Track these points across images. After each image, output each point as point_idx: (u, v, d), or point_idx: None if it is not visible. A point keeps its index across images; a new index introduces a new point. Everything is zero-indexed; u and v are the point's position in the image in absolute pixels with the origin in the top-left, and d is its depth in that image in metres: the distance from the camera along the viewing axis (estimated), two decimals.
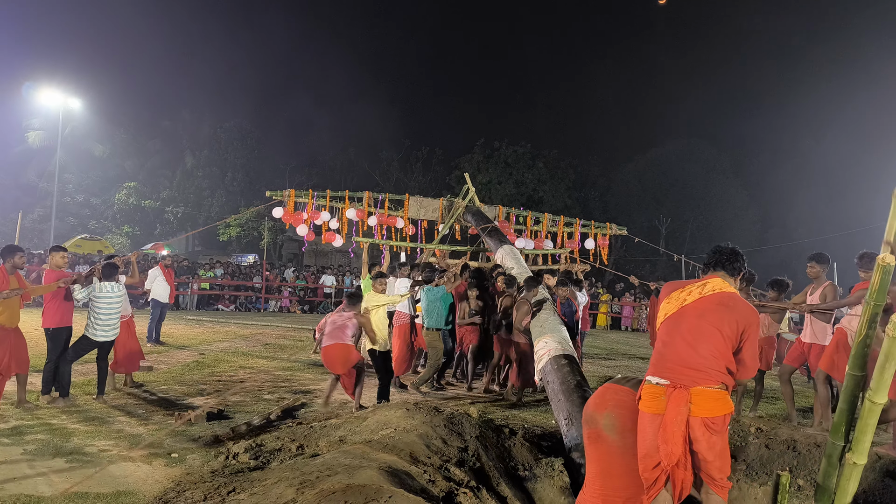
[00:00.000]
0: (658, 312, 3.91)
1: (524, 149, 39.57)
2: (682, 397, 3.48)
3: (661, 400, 3.54)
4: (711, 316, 3.63)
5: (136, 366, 8.55)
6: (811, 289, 7.26)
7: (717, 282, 3.80)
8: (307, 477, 4.37)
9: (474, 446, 5.51)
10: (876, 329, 3.49)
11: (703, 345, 3.58)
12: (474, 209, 13.37)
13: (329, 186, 14.83)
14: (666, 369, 3.61)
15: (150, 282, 12.97)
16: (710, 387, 3.52)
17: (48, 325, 7.37)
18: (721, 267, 3.92)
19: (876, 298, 3.39)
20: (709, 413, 3.48)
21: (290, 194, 12.99)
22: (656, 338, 3.87)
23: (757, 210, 42.45)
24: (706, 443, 3.47)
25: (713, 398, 3.51)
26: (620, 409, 3.84)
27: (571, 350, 7.75)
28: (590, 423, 3.95)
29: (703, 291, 3.74)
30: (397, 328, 9.47)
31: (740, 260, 3.96)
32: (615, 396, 3.93)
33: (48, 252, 7.89)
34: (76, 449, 5.53)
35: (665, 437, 3.44)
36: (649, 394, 3.62)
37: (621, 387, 4.00)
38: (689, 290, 3.79)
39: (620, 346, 17.00)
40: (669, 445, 3.42)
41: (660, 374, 3.62)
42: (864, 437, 3.51)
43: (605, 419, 3.85)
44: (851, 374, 3.57)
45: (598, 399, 4.02)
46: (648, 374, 3.69)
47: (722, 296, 3.71)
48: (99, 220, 40.19)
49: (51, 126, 34.38)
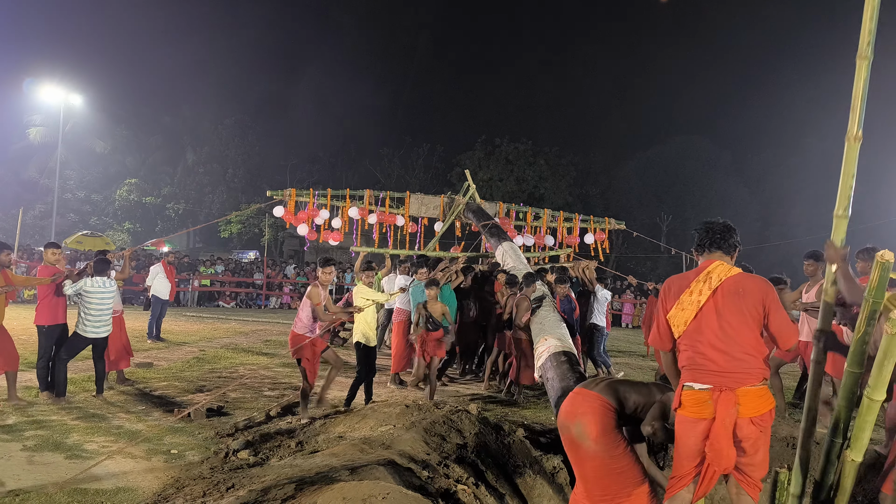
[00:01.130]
0: (667, 314, 3.72)
1: (525, 146, 39.54)
2: (731, 400, 3.39)
3: (708, 405, 3.43)
4: (730, 311, 3.51)
5: (127, 362, 8.50)
6: (807, 286, 7.26)
7: (718, 268, 3.64)
8: (306, 474, 4.38)
9: (473, 443, 5.52)
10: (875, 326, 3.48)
11: (734, 346, 3.48)
12: (475, 206, 13.37)
13: (330, 183, 14.86)
14: (706, 375, 3.49)
15: (151, 278, 12.99)
16: (754, 385, 3.45)
17: (41, 322, 7.33)
18: (716, 247, 3.75)
19: (875, 295, 3.38)
20: (756, 412, 3.42)
21: (290, 194, 13.00)
22: (680, 345, 3.69)
23: (758, 208, 42.40)
24: (753, 442, 3.42)
25: (758, 396, 3.44)
26: (590, 415, 3.78)
27: (571, 347, 7.74)
28: (563, 431, 3.93)
29: (712, 285, 3.58)
30: (396, 325, 9.47)
31: (734, 235, 3.78)
32: (584, 402, 3.88)
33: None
34: (75, 445, 5.54)
35: (719, 442, 3.36)
36: (693, 400, 3.50)
37: (590, 391, 3.94)
38: (696, 289, 3.62)
39: (621, 344, 16.99)
40: (724, 449, 3.35)
41: (701, 381, 3.50)
42: (863, 434, 3.51)
43: (575, 427, 3.81)
44: (850, 371, 3.55)
45: (568, 407, 3.96)
46: (687, 381, 3.56)
47: (731, 283, 3.56)
48: (100, 216, 40.17)
49: (52, 122, 34.38)
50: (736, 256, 3.83)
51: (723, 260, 3.72)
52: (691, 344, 3.58)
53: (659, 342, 3.81)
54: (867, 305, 3.42)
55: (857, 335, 3.51)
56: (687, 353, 3.61)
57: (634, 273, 28.33)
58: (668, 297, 3.75)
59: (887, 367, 3.31)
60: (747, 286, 3.55)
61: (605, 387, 3.96)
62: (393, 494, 3.70)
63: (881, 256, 3.33)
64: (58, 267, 7.58)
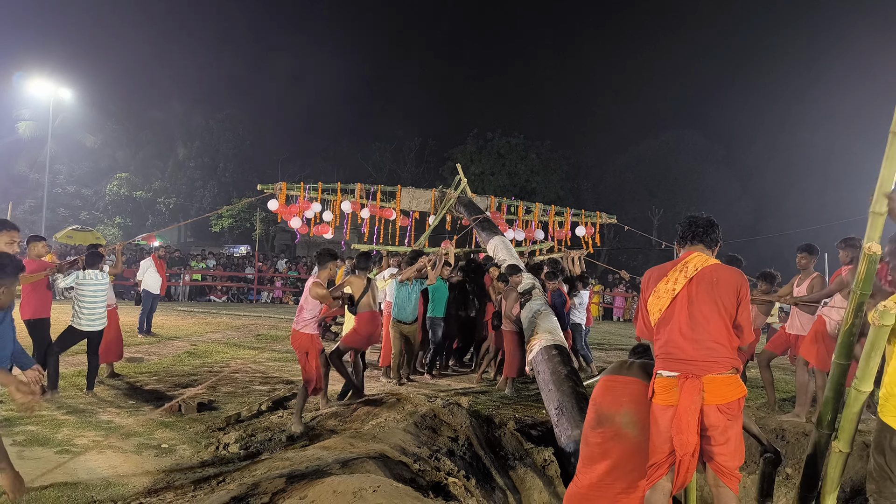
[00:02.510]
0: (646, 304, 3.77)
1: (517, 140, 39.52)
2: (695, 386, 3.42)
3: (674, 391, 3.47)
4: (703, 299, 3.54)
5: (117, 356, 8.46)
6: (798, 280, 7.28)
7: (697, 258, 3.67)
8: (297, 467, 4.38)
9: (464, 436, 5.53)
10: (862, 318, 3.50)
11: (704, 334, 3.50)
12: (466, 200, 13.36)
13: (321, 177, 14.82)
14: (674, 364, 3.53)
15: (141, 273, 12.93)
16: (722, 373, 3.46)
17: (26, 316, 7.23)
18: (698, 240, 3.77)
19: (862, 287, 3.40)
20: (722, 399, 3.43)
21: (281, 187, 12.97)
22: (655, 334, 3.72)
23: (750, 201, 42.50)
24: (721, 430, 3.43)
25: (725, 384, 3.46)
26: (637, 404, 3.71)
27: (562, 340, 7.77)
28: (605, 421, 3.80)
29: (687, 274, 3.61)
30: (385, 318, 9.45)
31: (717, 230, 3.81)
32: (627, 389, 3.80)
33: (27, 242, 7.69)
34: (65, 440, 5.52)
35: (680, 427, 3.37)
36: (661, 387, 3.54)
37: (626, 377, 3.87)
38: (673, 277, 3.66)
39: (613, 337, 17.06)
40: (685, 435, 3.36)
41: (669, 369, 3.54)
42: (850, 425, 3.53)
43: (622, 417, 3.73)
44: (837, 362, 3.58)
45: (608, 397, 3.86)
46: (658, 369, 3.60)
47: (706, 272, 3.58)
48: (90, 210, 39.91)
49: (41, 117, 34.06)
50: (717, 251, 3.85)
51: (703, 253, 3.74)
52: (664, 332, 3.63)
53: (643, 332, 3.85)
54: (854, 298, 3.44)
55: (845, 327, 3.53)
56: (659, 341, 3.65)
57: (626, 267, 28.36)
58: (648, 286, 3.80)
59: (874, 358, 3.33)
60: (722, 276, 3.58)
61: (639, 369, 3.88)
62: (383, 487, 3.70)
63: (868, 249, 3.35)
64: (45, 260, 7.52)
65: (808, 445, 3.80)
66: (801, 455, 5.10)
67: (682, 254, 3.81)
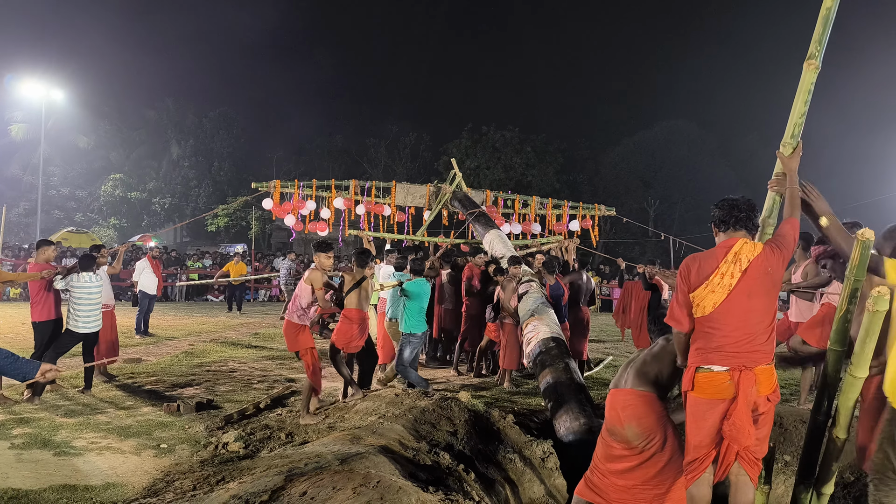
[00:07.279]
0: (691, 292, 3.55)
1: (512, 133, 39.48)
2: (751, 379, 3.37)
3: (727, 385, 3.38)
4: (760, 292, 3.45)
5: (113, 354, 8.43)
6: (794, 268, 7.31)
7: (746, 247, 3.50)
8: (296, 465, 4.38)
9: (464, 430, 5.53)
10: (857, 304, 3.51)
11: (760, 326, 3.44)
12: (461, 195, 13.36)
13: (316, 174, 14.82)
14: (726, 357, 3.42)
15: (137, 274, 12.91)
16: (770, 363, 3.46)
17: (35, 318, 7.41)
18: (741, 226, 3.59)
19: (856, 274, 3.40)
20: (771, 388, 3.45)
21: (275, 185, 12.95)
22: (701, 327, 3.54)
23: (745, 190, 42.15)
24: (765, 417, 3.45)
25: (772, 372, 3.46)
26: (638, 417, 3.79)
27: (560, 333, 7.78)
28: (614, 435, 3.88)
29: (742, 266, 3.45)
30: (381, 315, 9.44)
31: (758, 214, 3.67)
32: (625, 403, 3.86)
33: (34, 246, 7.81)
34: (64, 442, 5.51)
35: (740, 420, 3.31)
36: (709, 381, 3.44)
37: (623, 389, 3.92)
38: (728, 271, 3.47)
39: (611, 329, 17.06)
40: (746, 427, 3.31)
41: (720, 363, 3.42)
42: (846, 411, 3.54)
43: (627, 431, 3.79)
44: (833, 349, 3.58)
45: (612, 412, 3.91)
46: (701, 364, 3.48)
47: (760, 263, 3.46)
48: (85, 212, 39.81)
49: (34, 118, 33.90)
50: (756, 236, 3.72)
51: (746, 238, 3.58)
52: (716, 326, 3.47)
53: (681, 323, 3.62)
54: (849, 284, 3.44)
55: (840, 313, 3.53)
56: (707, 334, 3.50)
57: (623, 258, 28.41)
58: (693, 276, 3.56)
59: (869, 344, 3.34)
60: (773, 265, 3.48)
61: (635, 377, 3.90)
62: (383, 482, 3.70)
63: (861, 235, 3.34)
64: (49, 264, 7.65)
65: (806, 432, 3.81)
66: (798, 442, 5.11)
67: (724, 240, 3.62)
